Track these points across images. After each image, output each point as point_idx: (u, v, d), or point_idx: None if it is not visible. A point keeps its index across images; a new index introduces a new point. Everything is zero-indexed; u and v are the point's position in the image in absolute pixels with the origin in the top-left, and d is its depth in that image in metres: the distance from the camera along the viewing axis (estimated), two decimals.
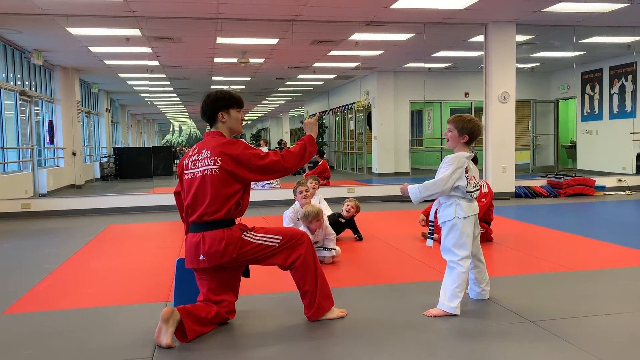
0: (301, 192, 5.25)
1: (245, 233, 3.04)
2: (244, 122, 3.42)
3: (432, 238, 3.48)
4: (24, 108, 10.51)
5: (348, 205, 5.69)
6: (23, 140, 10.38)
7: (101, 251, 5.61)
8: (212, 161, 2.97)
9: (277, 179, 10.38)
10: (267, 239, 3.06)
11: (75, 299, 3.83)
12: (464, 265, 3.24)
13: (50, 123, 11.96)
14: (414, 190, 3.29)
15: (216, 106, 3.11)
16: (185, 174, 3.09)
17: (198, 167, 3.01)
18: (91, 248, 5.76)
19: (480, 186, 5.34)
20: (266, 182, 10.59)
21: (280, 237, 3.07)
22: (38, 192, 10.09)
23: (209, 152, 3.01)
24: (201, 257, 2.98)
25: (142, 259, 5.17)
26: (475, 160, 5.78)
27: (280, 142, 21.52)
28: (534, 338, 2.89)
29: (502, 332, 3.01)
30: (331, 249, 4.79)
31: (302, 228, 4.89)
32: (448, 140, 3.38)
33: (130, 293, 3.93)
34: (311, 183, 5.90)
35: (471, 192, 3.28)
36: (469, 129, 3.30)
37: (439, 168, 3.33)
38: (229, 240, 2.96)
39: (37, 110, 11.60)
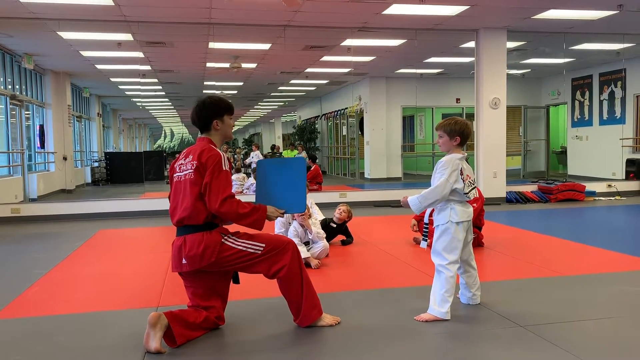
0: None
1: (225, 237, 3.00)
2: (235, 128, 3.43)
3: (425, 240, 3.50)
4: (14, 112, 10.45)
5: (340, 209, 5.70)
6: (13, 144, 10.31)
7: (91, 256, 5.58)
8: (191, 165, 2.97)
9: None
10: (250, 246, 3.00)
11: (65, 304, 3.81)
12: (451, 269, 3.25)
13: (41, 127, 11.89)
14: (414, 201, 3.30)
15: (212, 113, 3.08)
16: (174, 177, 3.10)
17: (182, 171, 3.01)
18: (81, 253, 5.72)
19: (476, 186, 5.40)
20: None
21: (264, 245, 3.01)
22: (28, 197, 10.02)
23: (192, 156, 3.01)
24: (183, 260, 2.97)
25: (132, 264, 5.14)
26: None
27: (273, 147, 21.51)
28: (525, 343, 2.90)
29: (492, 336, 3.02)
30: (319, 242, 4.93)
31: (292, 227, 4.94)
32: (440, 145, 3.41)
33: (121, 298, 3.91)
34: None
35: (467, 193, 3.30)
36: (458, 130, 3.32)
37: (433, 173, 3.34)
38: (207, 244, 2.93)
39: (27, 114, 11.53)
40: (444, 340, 3.01)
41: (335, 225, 5.72)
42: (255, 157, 15.46)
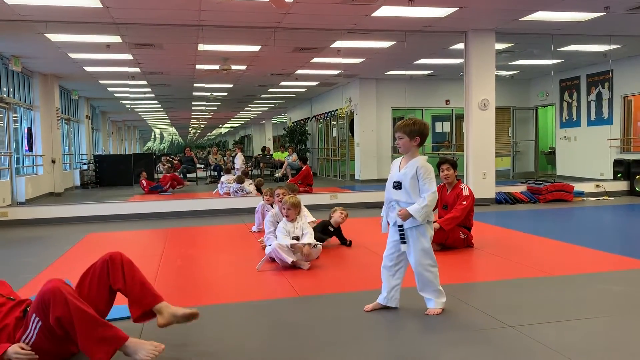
0: (278, 195, 5.65)
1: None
2: (225, 130, 3.41)
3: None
4: (1, 115, 10.35)
5: (342, 215, 5.78)
6: (1, 147, 10.21)
7: (80, 260, 5.52)
8: None
9: (251, 183, 10.41)
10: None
11: None
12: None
13: (29, 130, 11.79)
14: (419, 216, 3.28)
15: None
16: None
17: None
18: (70, 257, 5.68)
19: (461, 189, 5.44)
20: (239, 189, 10.52)
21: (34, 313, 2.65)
22: (16, 201, 9.93)
23: None
24: None
25: None
26: (455, 165, 5.84)
27: (263, 149, 21.45)
28: (514, 343, 2.92)
29: (481, 337, 3.03)
30: (308, 243, 4.85)
31: (280, 225, 4.97)
32: (400, 147, 3.39)
33: None
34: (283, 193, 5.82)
35: None
36: (418, 131, 3.32)
37: (414, 176, 3.32)
38: None
39: (15, 117, 11.42)
40: (433, 341, 3.01)
41: (332, 229, 5.82)
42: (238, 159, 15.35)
